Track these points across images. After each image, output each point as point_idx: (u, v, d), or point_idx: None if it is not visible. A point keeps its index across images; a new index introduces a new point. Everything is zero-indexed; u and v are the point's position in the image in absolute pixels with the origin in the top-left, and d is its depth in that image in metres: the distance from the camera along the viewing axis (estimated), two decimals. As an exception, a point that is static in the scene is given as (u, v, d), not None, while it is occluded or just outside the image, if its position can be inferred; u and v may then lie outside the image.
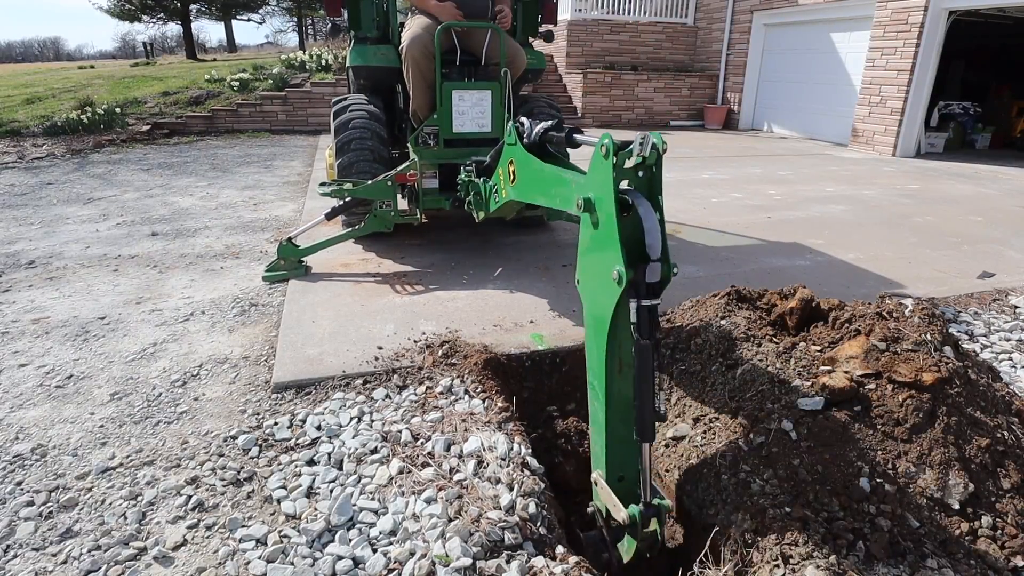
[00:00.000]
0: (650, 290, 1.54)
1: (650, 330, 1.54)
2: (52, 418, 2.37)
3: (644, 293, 1.53)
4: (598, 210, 1.63)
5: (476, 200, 3.15)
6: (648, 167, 1.60)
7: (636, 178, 1.61)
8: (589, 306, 1.72)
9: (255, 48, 47.42)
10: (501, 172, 2.70)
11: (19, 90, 12.69)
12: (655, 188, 1.61)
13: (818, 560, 1.58)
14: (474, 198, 3.17)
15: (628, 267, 1.50)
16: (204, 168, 7.67)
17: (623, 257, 1.51)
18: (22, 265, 4.08)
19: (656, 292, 1.55)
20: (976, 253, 4.46)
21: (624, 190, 1.58)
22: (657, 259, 1.53)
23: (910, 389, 1.97)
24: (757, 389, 2.13)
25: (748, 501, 1.81)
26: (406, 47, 3.76)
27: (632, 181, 1.60)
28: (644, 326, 1.54)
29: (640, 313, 1.54)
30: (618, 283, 1.52)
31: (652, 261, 1.53)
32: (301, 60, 13.09)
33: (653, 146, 1.55)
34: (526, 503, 1.84)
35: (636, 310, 1.54)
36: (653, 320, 1.55)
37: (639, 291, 1.53)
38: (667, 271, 1.55)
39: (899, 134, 9.33)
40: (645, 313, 1.54)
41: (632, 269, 1.51)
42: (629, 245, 1.54)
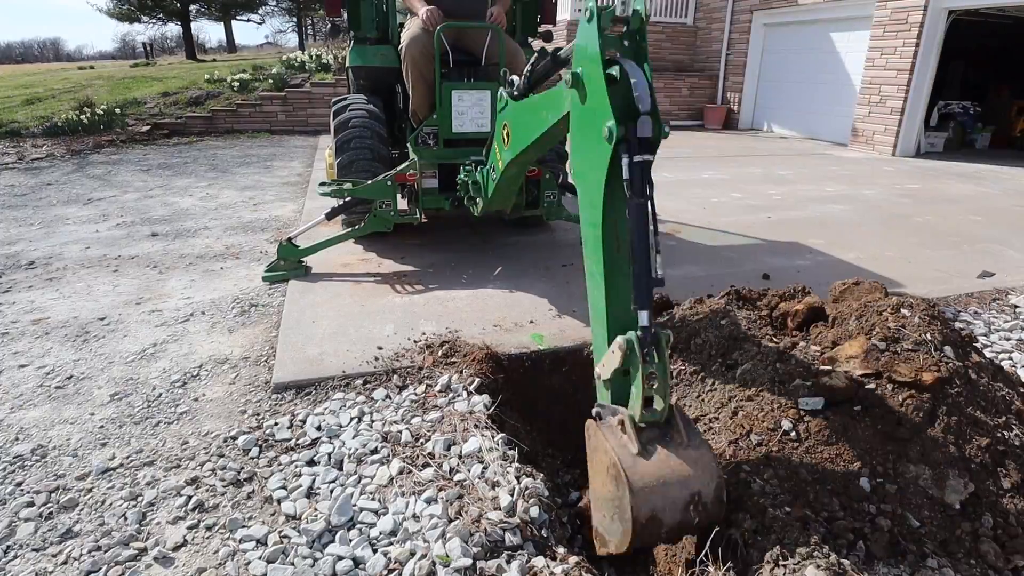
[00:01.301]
0: (642, 145, 1.51)
1: (643, 187, 1.51)
2: (52, 419, 2.37)
3: (636, 148, 1.51)
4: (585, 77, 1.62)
5: (475, 189, 3.15)
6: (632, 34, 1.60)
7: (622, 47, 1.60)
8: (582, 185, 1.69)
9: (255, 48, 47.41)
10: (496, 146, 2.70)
11: (19, 91, 12.69)
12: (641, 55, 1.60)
13: (818, 560, 1.58)
14: (472, 187, 3.17)
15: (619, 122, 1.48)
16: (204, 168, 7.67)
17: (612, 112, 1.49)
18: (22, 266, 4.08)
19: (649, 147, 1.52)
20: (976, 253, 4.46)
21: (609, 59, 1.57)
22: (647, 112, 1.51)
23: (910, 389, 1.97)
24: (757, 389, 2.13)
25: (748, 501, 1.81)
26: (405, 47, 3.76)
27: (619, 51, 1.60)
28: (637, 183, 1.51)
29: (632, 170, 1.51)
30: (608, 140, 1.50)
31: (642, 114, 1.50)
32: (301, 60, 13.09)
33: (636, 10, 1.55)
34: (527, 505, 1.84)
35: (628, 167, 1.51)
36: (646, 177, 1.52)
37: (630, 148, 1.51)
38: (658, 128, 1.52)
39: (899, 134, 9.33)
40: (638, 170, 1.51)
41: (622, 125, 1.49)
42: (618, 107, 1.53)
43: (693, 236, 4.75)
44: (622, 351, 1.52)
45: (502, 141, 2.60)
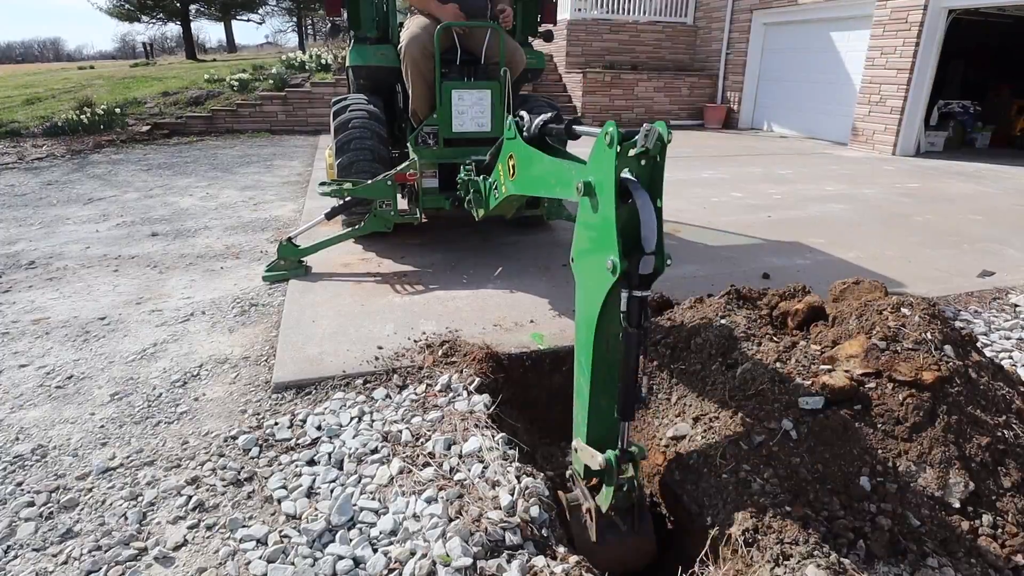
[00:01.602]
0: (642, 281, 1.56)
1: (639, 319, 1.58)
2: (52, 418, 2.37)
3: (636, 283, 1.55)
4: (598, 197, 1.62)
5: (476, 198, 3.15)
6: (651, 156, 1.60)
7: (638, 166, 1.60)
8: (582, 287, 1.75)
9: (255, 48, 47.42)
10: (501, 168, 2.69)
11: (19, 91, 12.69)
12: (656, 177, 1.61)
13: (818, 559, 1.58)
14: (474, 196, 3.17)
15: (623, 258, 1.51)
16: (204, 168, 7.67)
17: (619, 249, 1.52)
18: (22, 266, 4.08)
19: (648, 283, 1.57)
20: (976, 252, 4.46)
21: (625, 179, 1.58)
22: (651, 252, 1.54)
23: (910, 388, 1.97)
24: (757, 388, 2.13)
25: (748, 500, 1.81)
26: (405, 47, 3.76)
27: (633, 169, 1.60)
28: (634, 315, 1.57)
29: (631, 303, 1.57)
30: (612, 272, 1.53)
31: (646, 254, 1.54)
32: (301, 60, 13.09)
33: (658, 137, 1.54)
34: (527, 505, 1.84)
35: (627, 299, 1.57)
36: (642, 310, 1.58)
37: (631, 281, 1.55)
38: (660, 264, 1.56)
39: (899, 133, 9.33)
40: (636, 304, 1.57)
41: (626, 260, 1.52)
42: (625, 234, 1.55)
43: (693, 236, 4.75)
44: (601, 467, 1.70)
45: (507, 170, 2.59)
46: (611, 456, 1.69)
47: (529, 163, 2.34)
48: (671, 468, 2.11)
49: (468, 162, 3.32)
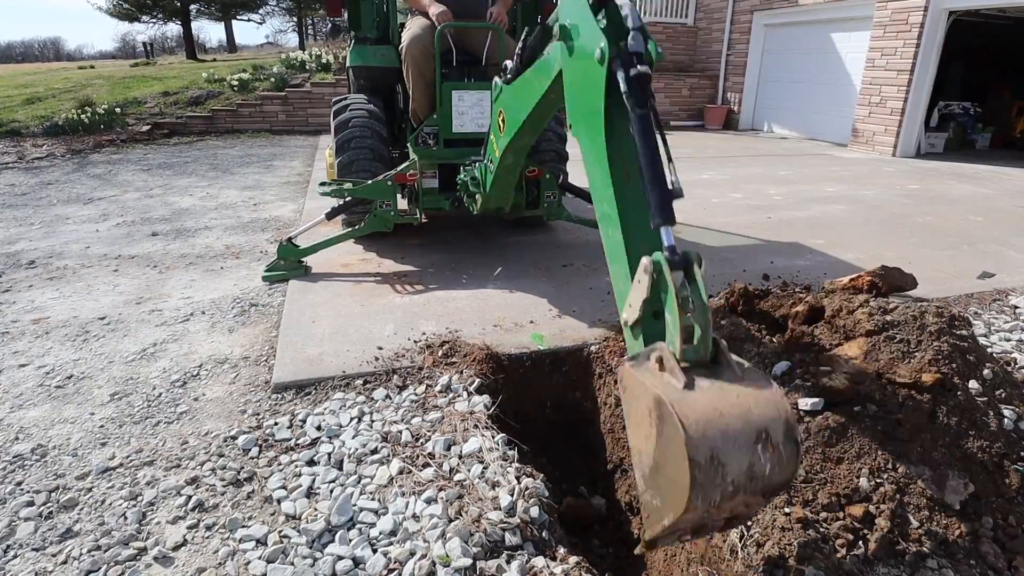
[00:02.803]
0: (637, 58, 1.48)
1: (644, 99, 1.44)
2: (52, 418, 2.37)
3: (631, 62, 1.47)
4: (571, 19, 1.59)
5: (473, 186, 3.14)
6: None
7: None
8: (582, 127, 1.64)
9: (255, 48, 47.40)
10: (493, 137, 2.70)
11: (19, 90, 12.69)
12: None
13: (818, 560, 1.58)
14: (471, 184, 3.16)
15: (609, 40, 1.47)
16: (204, 168, 7.67)
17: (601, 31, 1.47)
18: (22, 265, 4.08)
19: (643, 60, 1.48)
20: (976, 253, 4.46)
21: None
22: (636, 28, 1.48)
23: (910, 390, 1.97)
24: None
25: (748, 501, 1.81)
26: (406, 47, 3.76)
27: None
28: (638, 93, 1.45)
29: (630, 82, 1.45)
30: (600, 61, 1.47)
31: (632, 30, 1.48)
32: (301, 60, 13.09)
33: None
34: (527, 505, 1.84)
35: (625, 80, 1.46)
36: (645, 89, 1.45)
37: (625, 63, 1.47)
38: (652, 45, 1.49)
39: (899, 134, 9.33)
40: (635, 82, 1.45)
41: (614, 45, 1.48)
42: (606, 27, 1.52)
43: (693, 236, 4.75)
44: (649, 275, 1.32)
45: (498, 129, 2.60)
46: (659, 257, 1.31)
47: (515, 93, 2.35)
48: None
49: (468, 162, 3.32)
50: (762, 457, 1.19)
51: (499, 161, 2.71)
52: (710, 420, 1.17)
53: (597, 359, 2.80)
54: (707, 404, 1.20)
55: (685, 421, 1.16)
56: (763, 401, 1.23)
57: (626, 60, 1.47)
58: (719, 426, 1.17)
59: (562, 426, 2.84)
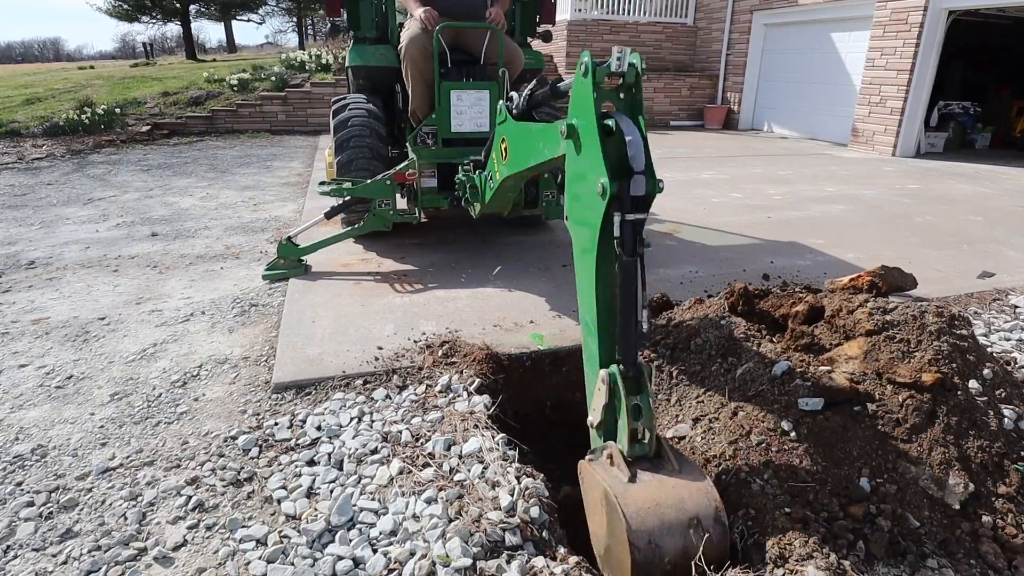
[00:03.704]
0: (635, 204, 1.52)
1: (633, 246, 1.52)
2: (52, 418, 2.37)
3: (628, 207, 1.51)
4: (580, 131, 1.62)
5: (472, 193, 3.15)
6: (628, 87, 1.60)
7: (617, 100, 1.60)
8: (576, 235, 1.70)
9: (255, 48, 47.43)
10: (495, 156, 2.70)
11: (19, 91, 12.68)
12: (636, 109, 1.61)
13: (818, 560, 1.58)
14: (470, 192, 3.17)
15: (612, 180, 1.49)
16: (204, 169, 7.67)
17: (606, 169, 1.49)
18: (22, 265, 4.08)
19: (641, 206, 1.53)
20: (976, 253, 4.46)
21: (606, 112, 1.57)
22: (641, 171, 1.51)
23: (910, 389, 1.97)
24: (757, 389, 2.13)
25: (748, 501, 1.81)
26: (405, 47, 3.76)
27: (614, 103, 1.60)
28: (628, 242, 1.52)
29: (624, 228, 1.52)
30: (602, 196, 1.50)
31: (636, 173, 1.51)
32: (301, 60, 13.09)
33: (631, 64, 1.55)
34: (527, 505, 1.84)
35: (620, 224, 1.52)
36: (637, 236, 1.53)
37: (623, 205, 1.51)
38: (652, 186, 1.52)
39: (899, 134, 9.33)
40: (629, 228, 1.52)
41: (616, 182, 1.50)
42: (613, 162, 1.53)
43: (693, 236, 4.75)
44: (606, 384, 1.56)
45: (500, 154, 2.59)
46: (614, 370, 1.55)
47: (519, 137, 2.35)
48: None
49: (466, 162, 3.32)
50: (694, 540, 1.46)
51: (499, 184, 2.72)
52: (649, 510, 1.44)
53: (597, 359, 2.80)
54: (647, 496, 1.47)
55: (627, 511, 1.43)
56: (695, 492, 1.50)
57: (624, 203, 1.52)
58: (656, 515, 1.44)
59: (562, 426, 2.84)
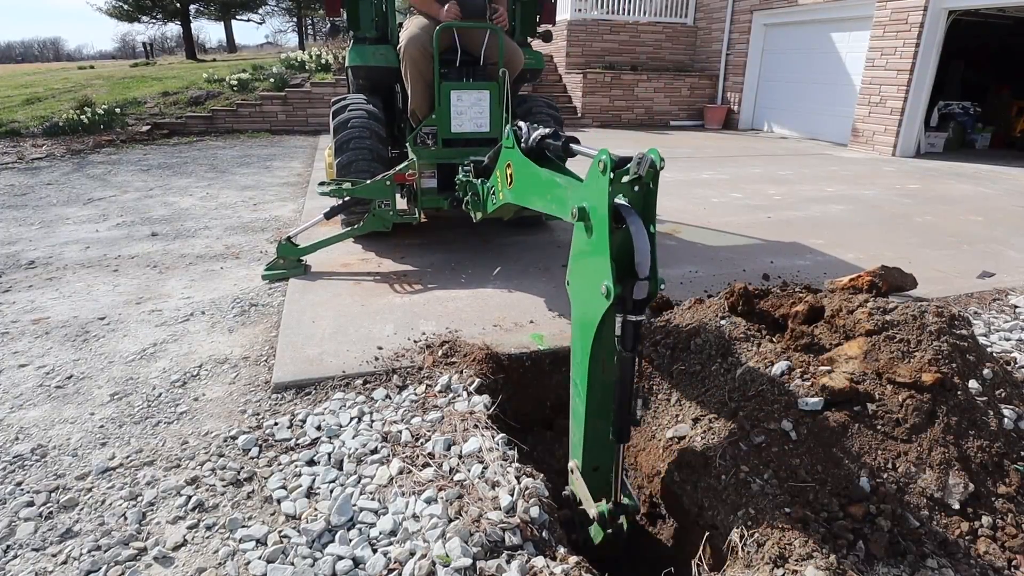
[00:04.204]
0: (636, 306, 1.58)
1: (633, 343, 1.60)
2: (52, 418, 2.37)
3: (631, 308, 1.58)
4: (592, 222, 1.64)
5: (474, 200, 3.15)
6: (644, 183, 1.62)
7: (631, 192, 1.62)
8: (577, 310, 1.76)
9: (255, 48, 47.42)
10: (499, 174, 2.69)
11: (19, 90, 12.68)
12: (649, 202, 1.64)
13: (818, 560, 1.58)
14: (472, 199, 3.17)
15: (616, 283, 1.53)
16: (204, 168, 7.67)
17: (612, 274, 1.54)
18: (22, 265, 4.08)
19: (642, 308, 1.60)
20: (976, 253, 4.46)
21: (619, 204, 1.60)
22: (645, 278, 1.56)
23: (910, 389, 1.97)
24: (757, 389, 2.13)
25: (748, 501, 1.81)
26: (404, 47, 3.76)
27: (627, 195, 1.62)
28: (628, 339, 1.60)
29: (625, 328, 1.60)
30: (606, 297, 1.55)
31: (640, 280, 1.56)
32: (301, 60, 13.09)
33: (651, 164, 1.56)
34: (527, 505, 1.84)
35: (621, 324, 1.60)
36: (636, 334, 1.61)
37: (626, 306, 1.58)
38: (654, 289, 1.58)
39: (899, 134, 9.34)
40: (630, 328, 1.60)
41: (620, 285, 1.55)
42: (619, 258, 1.57)
43: (693, 236, 4.75)
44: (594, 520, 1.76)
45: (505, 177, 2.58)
46: (604, 509, 1.74)
47: (526, 176, 2.35)
48: (671, 469, 2.11)
49: (467, 163, 3.32)
50: None
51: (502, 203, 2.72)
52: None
53: (597, 359, 2.80)
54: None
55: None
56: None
57: (627, 304, 1.58)
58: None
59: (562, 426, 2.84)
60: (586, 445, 1.81)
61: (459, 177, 3.38)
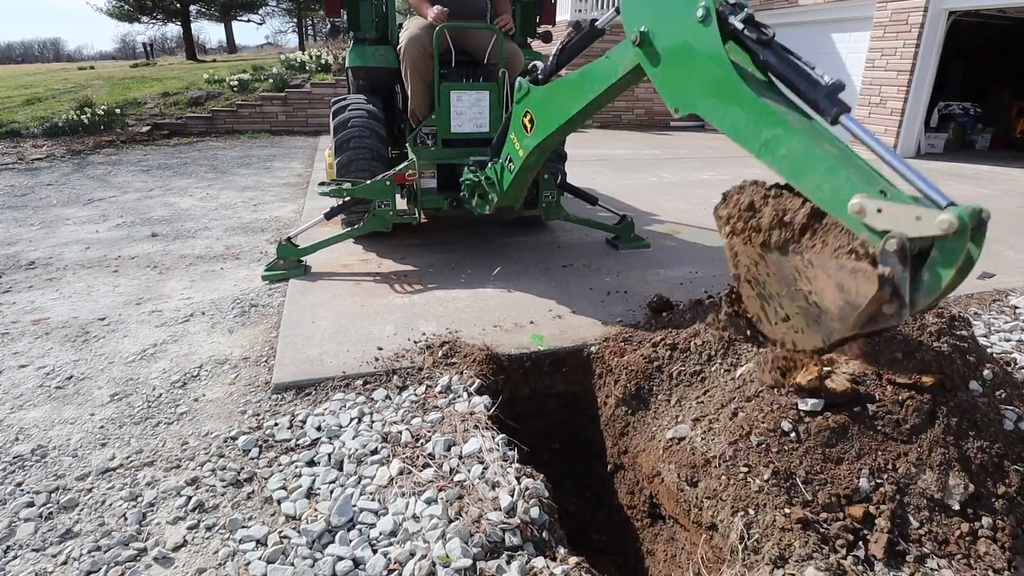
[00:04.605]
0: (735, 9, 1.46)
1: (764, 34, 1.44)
2: (52, 419, 2.37)
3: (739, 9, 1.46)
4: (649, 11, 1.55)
5: (488, 186, 3.09)
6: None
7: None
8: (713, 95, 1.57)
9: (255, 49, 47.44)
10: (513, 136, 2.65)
11: (19, 91, 12.69)
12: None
13: (818, 560, 1.58)
14: (485, 186, 3.12)
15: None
16: (204, 169, 7.67)
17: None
18: (22, 266, 4.08)
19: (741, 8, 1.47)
20: (976, 253, 4.45)
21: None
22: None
23: (910, 390, 1.97)
24: (757, 390, 2.13)
25: (748, 501, 1.81)
26: (404, 47, 3.76)
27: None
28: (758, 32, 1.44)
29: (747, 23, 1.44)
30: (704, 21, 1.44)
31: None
32: (301, 61, 13.10)
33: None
34: (527, 506, 1.84)
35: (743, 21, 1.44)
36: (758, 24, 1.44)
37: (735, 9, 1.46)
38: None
39: (899, 135, 9.33)
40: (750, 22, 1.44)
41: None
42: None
43: (693, 236, 4.75)
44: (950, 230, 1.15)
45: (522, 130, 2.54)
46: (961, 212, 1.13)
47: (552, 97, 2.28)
48: (671, 469, 2.11)
49: (471, 164, 3.31)
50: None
51: (522, 161, 2.67)
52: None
53: (597, 359, 2.80)
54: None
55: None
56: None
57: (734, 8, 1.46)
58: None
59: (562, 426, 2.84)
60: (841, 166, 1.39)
61: (466, 178, 3.36)
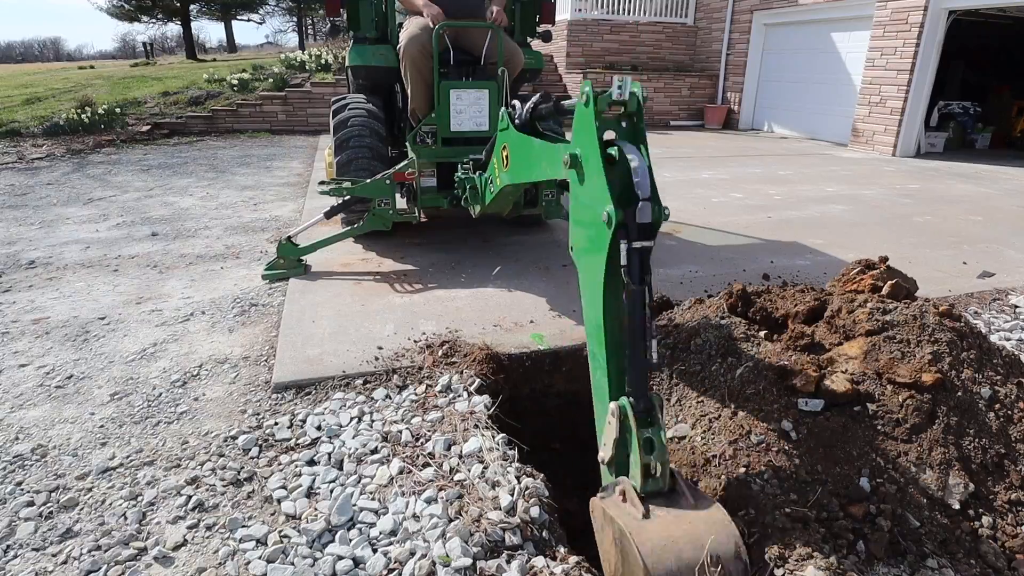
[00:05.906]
0: (641, 232, 1.51)
1: (641, 275, 1.51)
2: (52, 418, 2.37)
3: (635, 234, 1.50)
4: (583, 160, 1.61)
5: (472, 194, 3.15)
6: (630, 116, 1.60)
7: (620, 129, 1.60)
8: (582, 266, 1.67)
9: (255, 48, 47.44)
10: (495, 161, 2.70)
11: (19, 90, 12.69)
12: (639, 137, 1.60)
13: (818, 560, 1.58)
14: (470, 192, 3.17)
15: (617, 207, 1.48)
16: (204, 168, 7.67)
17: (611, 197, 1.48)
18: (22, 265, 4.08)
19: (647, 234, 1.52)
20: (976, 253, 4.46)
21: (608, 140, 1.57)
22: (647, 198, 1.50)
23: (910, 389, 1.97)
24: (757, 389, 2.13)
25: (748, 501, 1.81)
26: (404, 47, 3.76)
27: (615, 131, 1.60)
28: (635, 270, 1.51)
29: (631, 256, 1.50)
30: (608, 224, 1.48)
31: (642, 200, 1.50)
32: (301, 60, 13.09)
33: (632, 93, 1.55)
34: (527, 505, 1.84)
35: (627, 252, 1.50)
36: (644, 265, 1.51)
37: (630, 234, 1.50)
38: (658, 212, 1.51)
39: (899, 134, 9.34)
40: (636, 256, 1.50)
41: (621, 210, 1.48)
42: (617, 191, 1.52)
43: (693, 236, 4.75)
44: (616, 418, 1.50)
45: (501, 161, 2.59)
46: (624, 403, 1.48)
47: (521, 149, 2.35)
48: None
49: (466, 161, 3.32)
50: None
51: (499, 188, 2.72)
52: (665, 547, 1.37)
53: (597, 359, 2.80)
54: (662, 532, 1.40)
55: (643, 551, 1.35)
56: (713, 526, 1.42)
57: (631, 231, 1.50)
58: (673, 552, 1.37)
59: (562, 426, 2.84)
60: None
61: (459, 175, 3.39)
